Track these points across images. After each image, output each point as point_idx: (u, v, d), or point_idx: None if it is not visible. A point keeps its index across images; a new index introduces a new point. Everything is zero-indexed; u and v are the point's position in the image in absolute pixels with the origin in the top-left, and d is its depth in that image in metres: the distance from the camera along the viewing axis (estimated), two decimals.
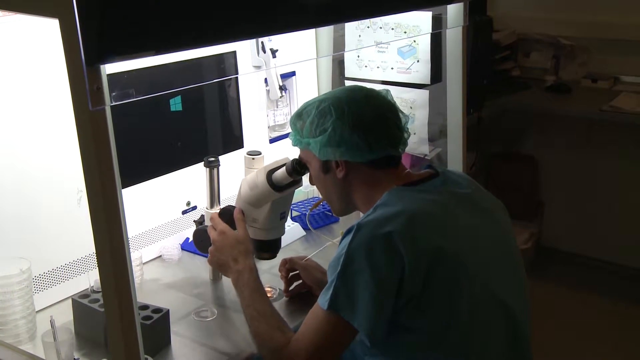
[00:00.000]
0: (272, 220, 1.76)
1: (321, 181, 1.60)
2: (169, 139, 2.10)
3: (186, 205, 2.18)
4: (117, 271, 1.15)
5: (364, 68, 2.45)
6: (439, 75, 2.33)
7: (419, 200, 1.44)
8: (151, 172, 2.05)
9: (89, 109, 1.08)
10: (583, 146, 3.78)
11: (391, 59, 2.37)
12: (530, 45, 3.83)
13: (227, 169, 2.10)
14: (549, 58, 3.78)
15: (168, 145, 2.10)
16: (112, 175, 1.12)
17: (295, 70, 2.50)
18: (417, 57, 2.32)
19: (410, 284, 1.33)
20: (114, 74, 1.82)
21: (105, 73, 1.09)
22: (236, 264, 1.63)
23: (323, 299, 1.37)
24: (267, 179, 1.70)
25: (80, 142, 1.11)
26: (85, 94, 1.07)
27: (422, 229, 1.37)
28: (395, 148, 1.52)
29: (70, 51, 1.06)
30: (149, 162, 2.05)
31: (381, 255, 1.32)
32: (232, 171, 2.17)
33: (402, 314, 1.35)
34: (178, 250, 2.11)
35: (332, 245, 2.01)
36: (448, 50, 2.20)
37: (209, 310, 1.79)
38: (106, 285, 1.16)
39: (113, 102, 1.12)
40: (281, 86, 2.37)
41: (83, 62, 1.05)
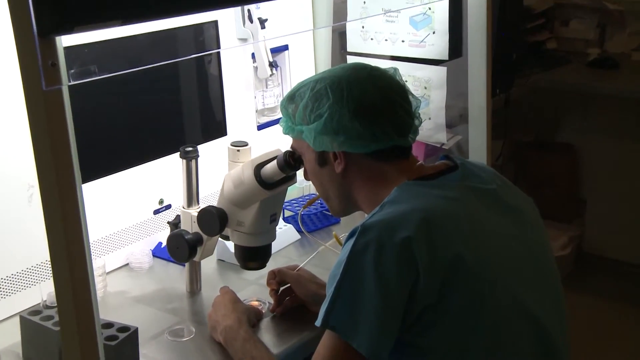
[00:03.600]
0: (260, 223, 1.77)
1: (317, 176, 1.60)
2: (138, 126, 2.10)
3: (158, 204, 2.18)
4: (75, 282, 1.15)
5: (369, 41, 2.46)
6: (458, 49, 2.33)
7: (434, 197, 1.44)
8: (117, 164, 2.05)
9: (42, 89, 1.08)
10: (633, 133, 3.78)
11: (402, 30, 2.37)
12: (569, 12, 3.82)
13: (208, 161, 2.10)
14: (593, 27, 3.78)
15: (137, 133, 2.10)
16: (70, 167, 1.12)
17: (288, 44, 2.50)
18: (433, 28, 2.31)
19: (423, 297, 1.34)
20: (73, 48, 1.82)
21: (61, 46, 1.09)
22: (224, 320, 1.70)
23: (319, 315, 1.38)
24: (255, 174, 1.70)
25: (32, 129, 1.11)
26: (37, 71, 1.07)
27: (439, 232, 1.38)
28: (404, 137, 1.52)
29: (19, 19, 1.05)
30: (114, 153, 2.05)
31: (392, 263, 1.33)
32: (213, 164, 2.16)
33: (411, 332, 1.36)
34: (148, 258, 2.12)
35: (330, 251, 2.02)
36: (470, 18, 2.21)
37: (186, 329, 1.79)
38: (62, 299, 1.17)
39: (71, 81, 1.12)
40: (271, 62, 2.37)
41: (35, 32, 1.05)
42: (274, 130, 2.47)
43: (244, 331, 1.67)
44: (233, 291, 1.82)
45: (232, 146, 1.84)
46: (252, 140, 1.90)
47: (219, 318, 1.73)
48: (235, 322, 1.69)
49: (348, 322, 1.34)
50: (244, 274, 2.04)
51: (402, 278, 1.33)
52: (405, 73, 2.39)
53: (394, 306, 1.33)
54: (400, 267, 1.33)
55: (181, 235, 1.84)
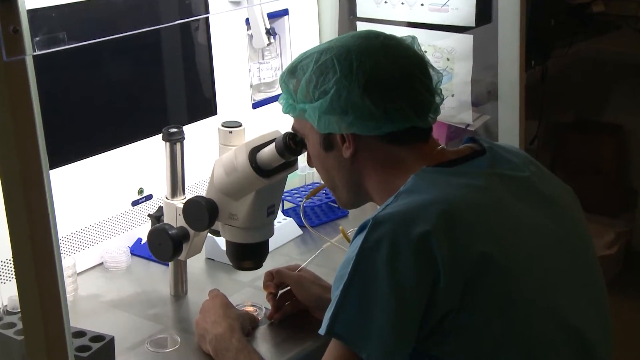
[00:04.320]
0: (256, 216, 1.77)
1: (322, 162, 1.61)
2: (114, 103, 2.10)
3: (138, 194, 2.18)
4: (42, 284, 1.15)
5: (382, 5, 2.45)
6: (487, 14, 2.32)
7: (457, 186, 1.44)
8: (89, 147, 2.05)
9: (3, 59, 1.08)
10: None
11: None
12: None
13: (195, 145, 2.10)
14: None
15: (113, 112, 2.11)
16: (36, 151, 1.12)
17: (287, 8, 2.49)
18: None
19: (444, 301, 1.34)
20: (38, 11, 1.81)
21: (24, 9, 1.08)
22: (214, 328, 1.71)
23: (324, 321, 1.38)
24: (250, 160, 1.70)
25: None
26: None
27: (462, 227, 1.38)
28: (423, 117, 1.53)
29: None
30: (86, 134, 2.05)
31: (408, 262, 1.33)
32: (201, 147, 2.17)
33: (430, 342, 1.36)
34: (126, 256, 2.12)
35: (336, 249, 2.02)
36: None
37: (169, 338, 1.80)
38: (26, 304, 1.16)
39: (37, 51, 1.12)
40: (268, 30, 2.36)
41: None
42: (272, 108, 2.47)
43: (237, 340, 1.67)
44: (224, 295, 1.82)
45: (223, 127, 1.84)
46: (246, 120, 1.90)
47: (208, 325, 1.73)
48: (227, 330, 1.69)
49: (357, 330, 1.34)
50: (237, 275, 2.05)
51: (420, 279, 1.33)
52: (425, 42, 2.38)
53: (410, 311, 1.33)
54: (418, 266, 1.33)
55: (164, 230, 1.84)
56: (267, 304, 1.88)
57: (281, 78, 1.62)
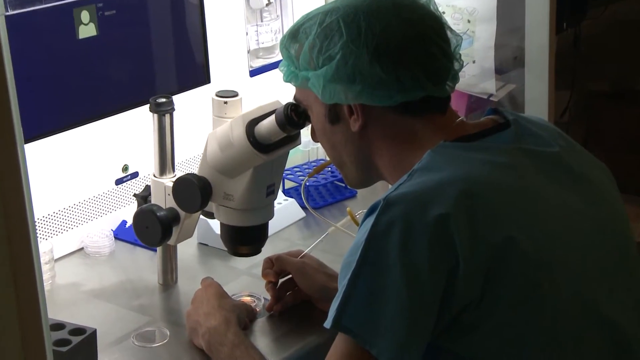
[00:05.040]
0: (254, 196, 1.78)
1: (327, 136, 1.61)
2: (95, 70, 2.09)
3: (122, 172, 2.19)
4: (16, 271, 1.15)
5: None
6: None
7: (478, 163, 1.45)
8: (68, 119, 2.05)
9: None
10: None
11: None
12: None
13: (186, 117, 2.10)
14: None
15: (94, 79, 2.10)
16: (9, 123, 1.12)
17: None
18: None
19: (463, 292, 1.34)
20: None
21: None
22: (208, 320, 1.71)
23: (329, 314, 1.38)
24: (247, 133, 1.70)
25: None
26: None
27: (484, 208, 1.38)
28: (440, 85, 1.52)
29: None
30: (65, 105, 2.05)
31: (423, 247, 1.33)
32: (192, 120, 2.17)
33: (447, 337, 1.37)
34: (109, 240, 2.12)
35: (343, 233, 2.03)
36: None
37: (157, 331, 1.80)
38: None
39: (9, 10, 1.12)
40: None
41: None
42: (272, 76, 2.46)
43: (233, 334, 1.68)
44: (218, 284, 1.83)
45: (217, 97, 1.83)
46: (243, 89, 1.89)
47: (200, 318, 1.73)
48: (222, 323, 1.70)
49: (366, 323, 1.34)
50: (232, 261, 2.06)
51: (436, 267, 1.33)
52: (442, 2, 2.37)
53: (426, 303, 1.34)
54: (434, 252, 1.33)
55: (152, 212, 1.84)
56: (266, 294, 1.88)
57: (281, 42, 1.61)
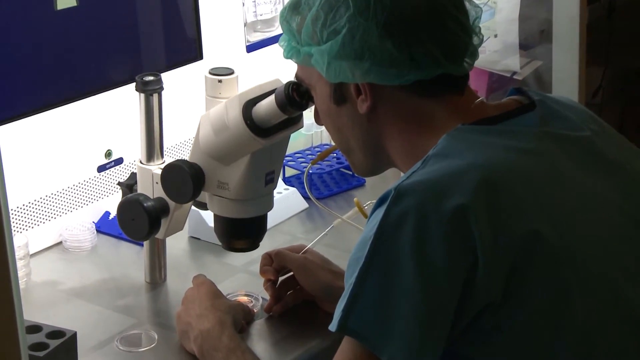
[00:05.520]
0: (251, 185, 1.77)
1: (333, 119, 1.61)
2: (75, 44, 2.09)
3: (105, 157, 2.18)
4: None
5: None
6: None
7: (500, 149, 1.44)
8: (45, 99, 2.05)
9: None
10: None
11: None
12: None
13: (176, 97, 2.09)
14: None
15: (74, 55, 2.09)
16: None
17: None
18: None
19: (483, 291, 1.34)
20: None
21: None
22: (200, 322, 1.71)
23: (335, 315, 1.38)
24: (244, 116, 1.70)
25: None
26: None
27: (507, 199, 1.38)
28: (457, 62, 1.52)
29: None
30: (42, 83, 2.05)
31: (439, 241, 1.33)
32: (183, 101, 2.16)
33: (466, 341, 1.37)
34: (91, 234, 2.12)
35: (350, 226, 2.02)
36: None
37: (144, 334, 1.80)
38: None
39: None
40: None
41: None
42: (271, 52, 2.46)
43: (228, 338, 1.68)
44: (212, 282, 1.83)
45: (210, 75, 1.84)
46: (239, 66, 1.89)
47: (192, 320, 1.74)
48: (216, 326, 1.70)
49: (376, 326, 1.34)
50: (227, 257, 2.06)
51: (453, 264, 1.33)
52: None
53: (441, 304, 1.33)
54: (451, 247, 1.33)
55: (138, 202, 1.84)
56: (265, 294, 1.88)
57: (281, 15, 1.61)
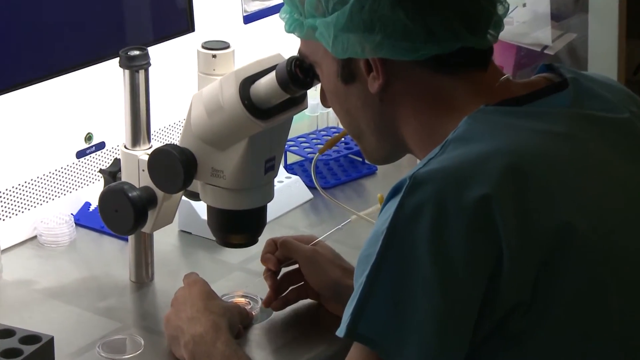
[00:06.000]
0: (249, 173, 1.78)
1: (341, 99, 1.60)
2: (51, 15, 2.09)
3: (85, 142, 2.19)
4: None
5: None
6: None
7: (528, 132, 1.45)
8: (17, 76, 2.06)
9: None
10: None
11: None
12: None
13: (164, 74, 2.10)
14: None
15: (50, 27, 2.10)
16: None
17: None
18: None
19: (510, 291, 1.34)
20: None
21: None
22: (192, 326, 1.72)
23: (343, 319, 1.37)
24: (242, 95, 1.70)
25: None
26: None
27: (536, 188, 1.38)
28: (479, 34, 1.51)
29: None
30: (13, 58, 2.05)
31: (459, 236, 1.33)
32: (173, 78, 2.17)
33: (489, 347, 1.37)
34: (69, 227, 2.13)
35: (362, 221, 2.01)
36: None
37: (129, 339, 1.81)
38: None
39: None
40: None
41: None
42: (271, 23, 2.44)
43: (223, 343, 1.69)
44: (205, 281, 1.83)
45: (204, 49, 1.85)
46: (235, 39, 1.90)
47: (182, 323, 1.74)
48: (210, 330, 1.71)
49: (389, 331, 1.34)
50: (222, 254, 2.07)
51: (476, 261, 1.33)
52: None
53: (463, 305, 1.34)
54: (473, 243, 1.33)
55: (122, 192, 1.83)
56: (265, 295, 1.87)
57: None
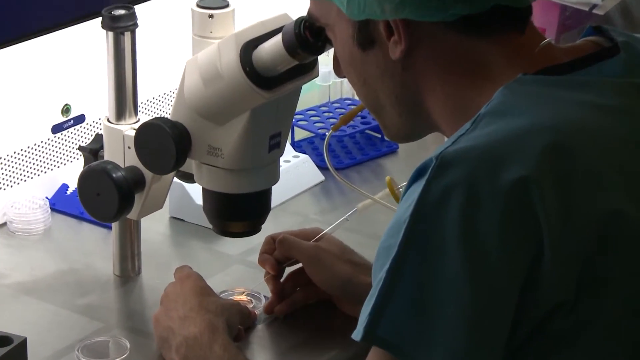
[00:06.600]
0: (251, 151, 1.80)
1: (357, 68, 1.61)
2: None
3: (62, 114, 2.22)
4: None
5: None
6: None
7: (573, 105, 1.45)
8: None
9: None
10: None
11: None
12: None
13: (153, 37, 2.16)
14: None
15: None
16: None
17: None
18: None
19: (551, 289, 1.35)
20: None
21: None
22: (185, 326, 1.74)
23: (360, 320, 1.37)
24: (243, 61, 1.71)
25: None
26: None
27: (583, 170, 1.38)
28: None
29: None
30: None
31: (494, 224, 1.33)
32: (163, 41, 2.22)
33: (528, 352, 1.38)
34: (43, 213, 2.16)
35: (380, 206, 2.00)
36: None
37: (113, 342, 1.83)
38: None
39: None
40: None
41: None
42: None
43: (221, 347, 1.71)
44: (199, 276, 1.85)
45: (199, 8, 1.88)
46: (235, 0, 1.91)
47: (174, 324, 1.76)
48: (205, 331, 1.73)
49: (412, 333, 1.35)
50: (220, 244, 2.10)
51: (512, 252, 1.33)
52: None
53: (497, 303, 1.34)
54: (509, 232, 1.33)
55: (105, 173, 1.84)
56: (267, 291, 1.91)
57: None
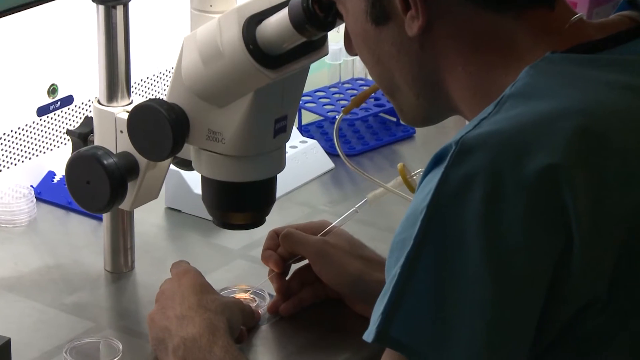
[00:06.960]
0: (255, 136, 1.81)
1: (370, 45, 1.60)
2: None
3: (48, 95, 2.24)
4: None
5: None
6: None
7: (604, 87, 1.44)
8: None
9: None
10: None
11: None
12: None
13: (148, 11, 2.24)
14: None
15: None
16: None
17: None
18: None
19: (582, 287, 1.35)
20: None
21: None
22: (182, 327, 1.76)
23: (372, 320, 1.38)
24: (246, 38, 1.72)
25: None
26: None
27: (616, 157, 1.39)
28: None
29: None
30: None
31: (519, 216, 1.33)
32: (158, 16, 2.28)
33: (557, 352, 1.39)
34: (27, 203, 2.18)
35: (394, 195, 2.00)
36: None
37: (104, 343, 1.84)
38: None
39: None
40: None
41: None
42: None
43: (222, 348, 1.72)
44: (198, 271, 1.86)
45: None
46: None
47: (170, 323, 1.78)
48: (205, 332, 1.74)
49: (428, 334, 1.35)
50: (220, 237, 2.12)
51: (538, 246, 1.33)
52: None
53: (522, 301, 1.34)
54: (535, 223, 1.33)
55: (95, 159, 1.85)
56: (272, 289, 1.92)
57: None
